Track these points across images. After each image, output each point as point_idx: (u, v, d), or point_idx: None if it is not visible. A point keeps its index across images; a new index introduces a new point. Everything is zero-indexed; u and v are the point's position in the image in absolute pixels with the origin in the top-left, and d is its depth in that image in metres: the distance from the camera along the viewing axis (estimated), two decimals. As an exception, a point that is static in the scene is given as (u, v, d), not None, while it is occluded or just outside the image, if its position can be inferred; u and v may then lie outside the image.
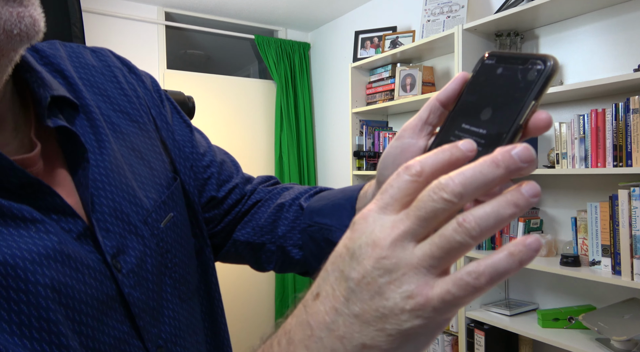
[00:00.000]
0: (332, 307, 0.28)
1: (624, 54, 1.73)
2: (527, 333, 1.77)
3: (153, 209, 0.51)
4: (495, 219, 0.24)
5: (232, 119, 3.31)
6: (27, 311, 0.36)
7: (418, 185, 0.26)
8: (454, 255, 0.26)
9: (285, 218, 0.62)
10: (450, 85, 0.34)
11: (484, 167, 0.25)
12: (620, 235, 1.53)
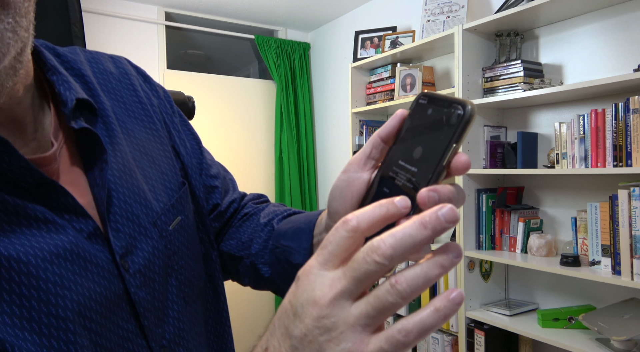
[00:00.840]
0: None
1: (624, 54, 1.73)
2: (527, 333, 1.77)
3: (162, 211, 0.52)
4: (424, 280, 0.26)
5: (232, 119, 3.31)
6: (37, 307, 0.38)
7: (355, 240, 0.29)
8: (386, 313, 0.27)
9: (259, 237, 0.64)
10: (390, 122, 0.37)
11: (412, 229, 0.26)
12: (620, 235, 1.53)
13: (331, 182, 3.43)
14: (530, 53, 2.05)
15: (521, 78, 1.88)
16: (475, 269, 2.06)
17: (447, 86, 2.43)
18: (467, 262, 2.03)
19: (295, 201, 3.38)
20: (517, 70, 1.90)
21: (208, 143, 3.17)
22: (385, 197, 0.29)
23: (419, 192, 0.29)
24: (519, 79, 1.89)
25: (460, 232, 2.02)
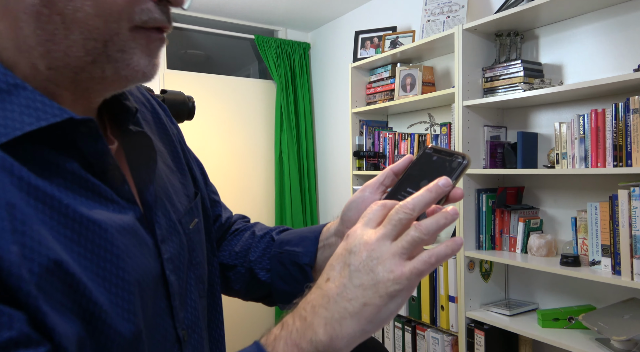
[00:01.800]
0: (340, 283, 0.44)
1: (624, 54, 1.73)
2: (527, 333, 1.77)
3: (184, 212, 0.62)
4: (436, 225, 0.44)
5: (232, 119, 3.31)
6: (109, 268, 0.45)
7: (385, 211, 0.46)
8: (415, 245, 0.43)
9: (257, 247, 0.76)
10: (402, 161, 0.55)
11: (423, 193, 0.45)
12: (620, 235, 1.53)
13: (331, 182, 3.44)
14: (530, 53, 2.05)
15: (521, 78, 1.88)
16: (475, 269, 2.06)
17: (447, 86, 2.43)
18: (467, 262, 2.03)
19: (295, 200, 3.38)
20: (517, 70, 1.90)
21: (208, 143, 3.17)
22: None
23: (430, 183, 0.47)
24: (519, 79, 1.89)
25: (460, 232, 2.02)
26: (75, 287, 0.41)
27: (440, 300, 2.15)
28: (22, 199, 0.40)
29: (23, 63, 0.44)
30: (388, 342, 2.46)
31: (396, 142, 2.57)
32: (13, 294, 0.37)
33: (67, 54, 0.44)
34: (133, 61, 0.46)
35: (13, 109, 0.42)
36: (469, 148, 2.03)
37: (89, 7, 0.43)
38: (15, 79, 0.44)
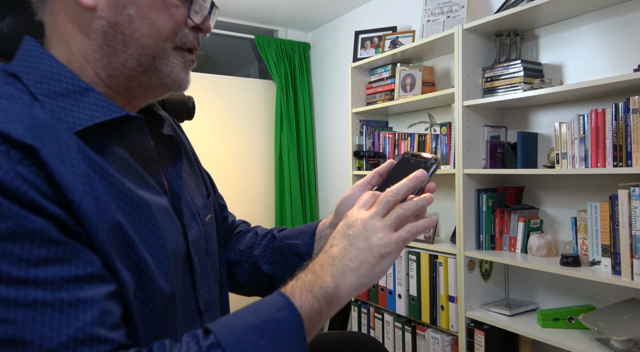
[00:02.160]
0: (342, 248, 0.56)
1: (624, 54, 1.73)
2: (527, 333, 1.77)
3: (202, 207, 0.75)
4: (415, 205, 0.57)
5: (232, 119, 3.31)
6: (153, 239, 0.57)
7: (375, 198, 0.59)
8: (400, 220, 0.56)
9: (260, 244, 0.89)
10: (385, 165, 0.69)
11: (405, 182, 0.59)
12: (620, 235, 1.53)
13: (331, 182, 3.44)
14: (530, 53, 2.05)
15: (521, 78, 1.88)
16: (475, 269, 2.06)
17: (447, 86, 2.43)
18: (467, 262, 2.03)
19: (295, 200, 3.38)
20: (517, 70, 1.90)
21: (208, 143, 3.17)
22: None
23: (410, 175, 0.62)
24: (519, 79, 1.89)
25: (460, 232, 2.02)
26: (130, 246, 0.53)
27: (440, 300, 2.15)
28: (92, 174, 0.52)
29: (89, 72, 0.59)
30: (388, 342, 2.46)
31: (396, 142, 2.57)
32: (93, 241, 0.49)
33: (124, 65, 0.59)
34: (173, 73, 0.61)
35: (84, 106, 0.56)
36: (469, 148, 2.03)
37: (145, 29, 0.58)
38: (85, 83, 0.57)
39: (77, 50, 0.58)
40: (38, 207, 0.45)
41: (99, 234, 0.49)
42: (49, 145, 0.49)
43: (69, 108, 0.54)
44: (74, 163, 0.50)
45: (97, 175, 0.52)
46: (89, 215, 0.49)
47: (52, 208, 0.46)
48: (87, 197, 0.49)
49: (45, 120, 0.51)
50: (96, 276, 0.47)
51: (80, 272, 0.46)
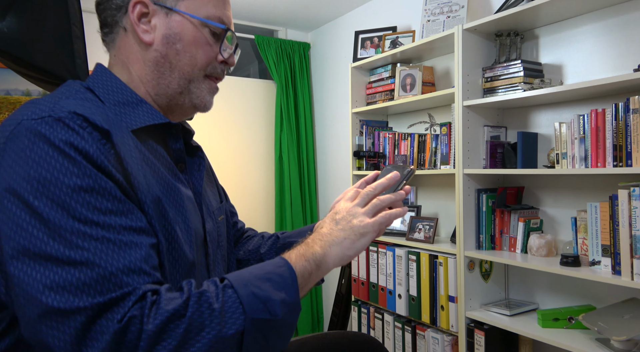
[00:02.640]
0: (329, 228, 0.77)
1: (624, 54, 1.73)
2: (527, 333, 1.77)
3: (216, 208, 0.92)
4: (389, 199, 0.80)
5: (232, 119, 3.31)
6: (181, 221, 0.75)
7: (358, 193, 0.81)
8: (377, 209, 0.78)
9: (265, 244, 1.06)
10: (371, 175, 0.87)
11: (381, 181, 0.82)
12: (620, 235, 1.53)
13: (331, 182, 3.43)
14: (530, 53, 2.05)
15: (521, 78, 1.88)
16: (475, 269, 2.06)
17: (447, 86, 2.43)
18: (467, 262, 2.03)
19: (295, 200, 3.38)
20: (517, 70, 1.90)
21: (208, 143, 3.17)
22: None
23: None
24: (519, 79, 1.89)
25: (460, 232, 2.02)
26: (166, 217, 0.70)
27: (440, 300, 2.15)
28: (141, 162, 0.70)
29: (142, 89, 0.79)
30: (388, 342, 2.46)
31: (396, 142, 2.57)
32: (142, 205, 0.67)
33: (168, 86, 0.79)
34: (201, 95, 0.82)
35: (138, 113, 0.75)
36: (469, 148, 2.03)
37: (186, 60, 0.79)
38: (140, 97, 0.77)
39: (135, 74, 0.79)
40: (109, 173, 0.62)
41: (146, 200, 0.67)
42: (116, 134, 0.67)
43: (127, 113, 0.74)
44: (131, 149, 0.69)
45: (144, 161, 0.71)
46: (140, 185, 0.67)
47: (117, 176, 0.63)
48: (139, 173, 0.68)
49: (112, 118, 0.70)
50: (143, 229, 0.64)
51: (133, 224, 0.62)
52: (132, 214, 0.63)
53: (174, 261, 0.70)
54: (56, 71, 1.08)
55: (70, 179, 0.59)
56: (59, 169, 0.59)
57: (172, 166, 0.78)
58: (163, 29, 0.77)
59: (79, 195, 0.59)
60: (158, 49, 0.77)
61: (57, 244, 0.56)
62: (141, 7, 0.76)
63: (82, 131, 0.62)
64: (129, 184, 0.65)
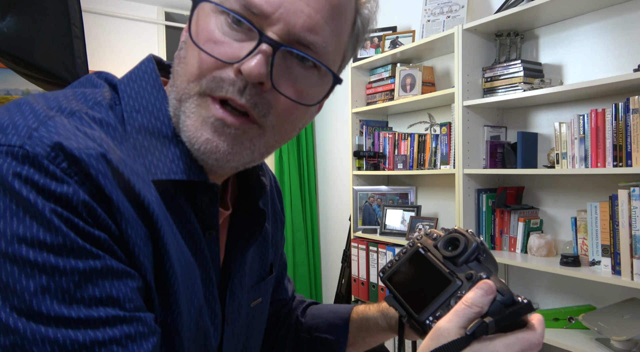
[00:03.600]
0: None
1: (624, 54, 1.73)
2: (527, 333, 1.77)
3: (250, 287, 0.65)
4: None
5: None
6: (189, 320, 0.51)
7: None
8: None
9: (282, 325, 0.80)
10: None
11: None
12: (620, 235, 1.53)
13: (331, 182, 3.43)
14: (530, 53, 2.05)
15: (521, 78, 1.88)
16: (475, 269, 2.06)
17: (447, 86, 2.43)
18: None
19: (295, 201, 3.38)
20: (517, 70, 1.90)
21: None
22: None
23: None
24: (519, 79, 1.89)
25: (460, 232, 2.02)
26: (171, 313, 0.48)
27: (440, 300, 2.15)
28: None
29: (171, 98, 0.51)
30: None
31: (396, 142, 2.57)
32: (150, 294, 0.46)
33: (177, 92, 0.51)
34: (187, 123, 0.48)
35: (167, 155, 0.49)
36: (469, 148, 2.03)
37: (182, 71, 0.50)
38: (175, 131, 0.50)
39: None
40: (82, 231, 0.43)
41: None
42: (119, 197, 0.45)
43: (151, 151, 0.49)
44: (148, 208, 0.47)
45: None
46: (133, 245, 0.46)
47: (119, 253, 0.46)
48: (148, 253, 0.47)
49: (126, 160, 0.45)
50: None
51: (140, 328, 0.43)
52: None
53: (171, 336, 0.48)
54: (56, 71, 1.08)
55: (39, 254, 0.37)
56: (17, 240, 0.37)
57: (196, 234, 0.52)
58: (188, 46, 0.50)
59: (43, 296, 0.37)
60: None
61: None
62: None
63: (65, 179, 0.39)
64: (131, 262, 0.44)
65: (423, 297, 0.53)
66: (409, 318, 0.55)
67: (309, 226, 3.46)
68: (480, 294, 0.47)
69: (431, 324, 0.50)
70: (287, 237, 3.34)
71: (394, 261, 0.59)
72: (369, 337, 0.75)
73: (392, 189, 2.64)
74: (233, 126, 0.47)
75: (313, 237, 3.48)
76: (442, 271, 0.53)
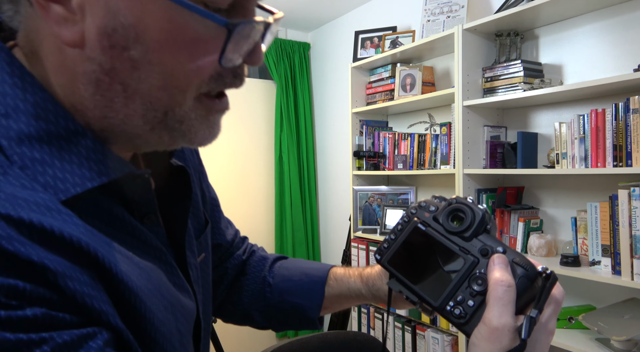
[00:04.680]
0: None
1: (624, 54, 1.73)
2: (527, 333, 1.77)
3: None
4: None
5: (232, 119, 3.30)
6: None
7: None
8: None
9: (248, 287, 0.75)
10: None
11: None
12: (620, 235, 1.53)
13: (331, 182, 3.43)
14: (530, 53, 2.05)
15: (521, 78, 1.88)
16: (475, 269, 2.06)
17: (447, 86, 2.43)
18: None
19: (295, 200, 3.38)
20: (517, 70, 1.90)
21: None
22: None
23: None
24: (519, 79, 1.89)
25: (460, 232, 2.02)
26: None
27: (440, 300, 2.15)
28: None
29: (77, 118, 0.41)
30: (388, 343, 2.46)
31: (396, 142, 2.57)
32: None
33: (125, 122, 0.41)
34: (191, 132, 0.43)
35: (72, 160, 0.40)
36: (469, 148, 2.03)
37: (155, 80, 0.39)
38: (77, 124, 0.41)
39: (60, 92, 0.41)
40: None
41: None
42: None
43: (49, 162, 0.39)
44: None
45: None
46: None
47: None
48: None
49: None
50: None
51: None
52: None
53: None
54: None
55: None
56: None
57: (137, 231, 0.46)
58: (98, 17, 0.37)
59: None
60: (95, 56, 0.38)
61: None
62: None
63: None
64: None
65: (434, 279, 0.48)
66: (421, 303, 0.50)
67: (309, 226, 3.46)
68: (504, 268, 0.44)
69: (453, 310, 0.46)
70: (287, 237, 3.35)
71: (390, 240, 0.53)
72: (347, 304, 0.73)
73: (392, 189, 2.64)
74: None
75: (313, 237, 3.48)
76: (451, 249, 0.48)
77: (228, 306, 0.75)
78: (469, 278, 0.46)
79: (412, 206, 0.54)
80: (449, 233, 0.49)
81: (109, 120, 0.41)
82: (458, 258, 0.47)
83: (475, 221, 0.48)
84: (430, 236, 0.50)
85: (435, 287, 0.47)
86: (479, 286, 0.45)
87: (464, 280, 0.46)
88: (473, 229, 0.48)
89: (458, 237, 0.48)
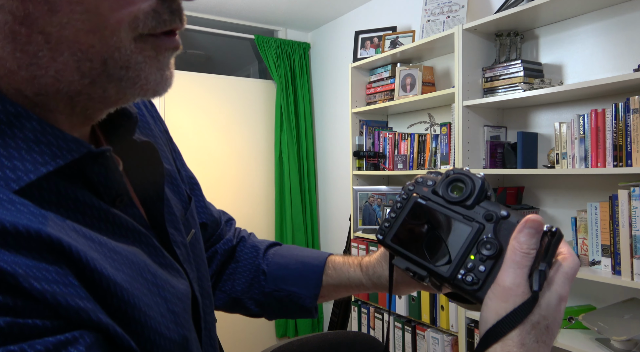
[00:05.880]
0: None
1: (624, 54, 1.73)
2: (527, 333, 1.77)
3: (182, 224, 0.57)
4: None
5: (232, 119, 3.31)
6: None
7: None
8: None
9: (241, 275, 0.73)
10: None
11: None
12: (620, 235, 1.53)
13: (331, 182, 3.43)
14: (530, 53, 2.05)
15: (521, 78, 1.88)
16: (475, 269, 2.06)
17: (447, 86, 2.43)
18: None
19: (295, 200, 3.38)
20: (517, 70, 1.90)
21: (208, 143, 3.17)
22: None
23: None
24: (519, 79, 1.89)
25: (460, 232, 2.02)
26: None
27: (440, 300, 2.15)
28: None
29: (6, 89, 0.37)
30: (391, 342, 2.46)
31: (396, 142, 2.57)
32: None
33: (58, 79, 0.37)
34: (141, 78, 0.39)
35: (18, 146, 0.35)
36: (469, 148, 2.03)
37: (78, 22, 0.34)
38: (17, 106, 0.36)
39: None
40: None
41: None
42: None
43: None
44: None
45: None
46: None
47: None
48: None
49: None
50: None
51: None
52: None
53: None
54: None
55: None
56: None
57: (109, 215, 0.42)
58: None
59: None
60: (3, 3, 0.34)
61: None
62: None
63: None
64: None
65: (440, 253, 0.47)
66: (430, 278, 0.49)
67: (309, 226, 3.46)
68: (531, 234, 0.43)
69: (465, 277, 0.45)
70: (287, 237, 3.35)
71: (391, 219, 0.52)
72: (346, 293, 0.72)
73: (392, 189, 2.64)
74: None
75: (313, 237, 3.48)
76: (455, 218, 0.48)
77: (219, 294, 0.73)
78: (477, 244, 0.46)
79: (409, 183, 0.53)
80: (450, 204, 0.49)
81: (39, 80, 0.36)
82: (461, 228, 0.47)
83: (476, 189, 0.48)
84: (432, 209, 0.49)
85: (442, 260, 0.47)
86: (488, 251, 0.45)
87: (472, 247, 0.46)
88: (474, 196, 0.48)
89: (460, 206, 0.48)
